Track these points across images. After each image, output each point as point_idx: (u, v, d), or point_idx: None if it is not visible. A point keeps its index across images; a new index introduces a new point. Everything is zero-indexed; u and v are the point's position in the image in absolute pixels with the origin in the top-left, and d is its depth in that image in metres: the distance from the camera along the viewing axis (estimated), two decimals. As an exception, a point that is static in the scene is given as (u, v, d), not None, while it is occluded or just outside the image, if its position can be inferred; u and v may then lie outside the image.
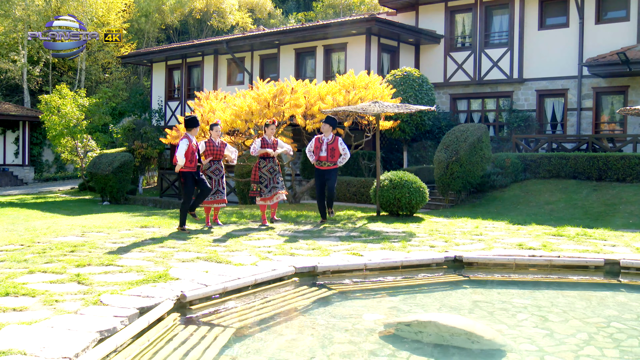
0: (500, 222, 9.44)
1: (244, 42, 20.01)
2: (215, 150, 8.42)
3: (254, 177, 8.87)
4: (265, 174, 8.81)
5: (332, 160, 8.92)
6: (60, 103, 21.80)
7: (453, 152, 12.81)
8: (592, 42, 16.07)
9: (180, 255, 6.18)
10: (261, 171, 8.82)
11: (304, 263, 5.81)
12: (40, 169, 29.03)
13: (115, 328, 3.65)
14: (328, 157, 8.89)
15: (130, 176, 19.03)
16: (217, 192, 8.41)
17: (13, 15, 28.62)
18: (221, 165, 8.57)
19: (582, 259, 6.25)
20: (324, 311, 4.70)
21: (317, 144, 8.99)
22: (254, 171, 8.90)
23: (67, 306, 4.09)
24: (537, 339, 4.05)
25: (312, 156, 9.03)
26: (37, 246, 6.64)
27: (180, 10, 34.60)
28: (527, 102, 17.32)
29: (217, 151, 8.45)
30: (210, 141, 8.43)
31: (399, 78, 15.78)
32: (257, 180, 8.83)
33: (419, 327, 3.98)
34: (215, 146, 8.44)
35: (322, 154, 8.91)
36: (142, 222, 9.18)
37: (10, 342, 3.32)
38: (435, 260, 6.26)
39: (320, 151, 8.92)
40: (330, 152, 8.88)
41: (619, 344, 3.98)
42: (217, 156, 8.47)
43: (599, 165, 13.30)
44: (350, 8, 35.70)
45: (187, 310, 4.45)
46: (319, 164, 9.00)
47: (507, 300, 5.15)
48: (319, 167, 9.01)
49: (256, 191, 8.81)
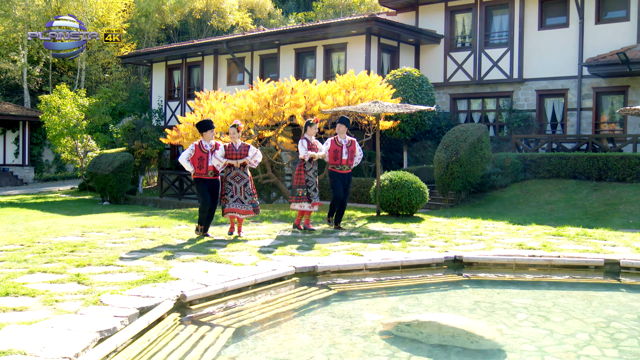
0: (500, 222, 9.43)
1: (244, 42, 19.98)
2: (235, 154, 7.46)
3: (299, 181, 8.18)
4: (312, 177, 8.25)
5: (350, 164, 8.53)
6: (60, 103, 21.76)
7: (453, 152, 12.79)
8: (592, 42, 16.05)
9: (180, 255, 6.16)
10: (307, 174, 8.22)
11: (304, 263, 5.80)
12: (40, 169, 28.98)
13: (115, 328, 3.65)
14: (348, 160, 8.45)
15: (130, 176, 18.95)
16: (237, 200, 7.53)
17: (13, 15, 28.59)
18: (244, 171, 7.57)
19: (582, 259, 6.24)
20: (324, 311, 4.70)
21: (336, 146, 8.39)
22: (299, 174, 8.22)
23: (67, 306, 4.08)
24: (537, 339, 4.04)
25: (308, 154, 8.19)
26: (37, 246, 6.62)
27: (180, 10, 34.57)
28: (527, 102, 17.31)
29: (237, 155, 7.47)
30: (230, 145, 7.53)
31: (399, 78, 15.76)
32: (302, 184, 8.16)
33: (419, 327, 3.97)
34: (235, 150, 7.48)
35: (344, 157, 8.39)
36: (142, 222, 9.14)
37: (10, 342, 3.31)
38: (435, 260, 6.24)
39: (341, 154, 8.40)
40: (350, 154, 8.46)
41: (619, 344, 3.97)
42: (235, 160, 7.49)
43: (599, 165, 13.28)
44: (350, 8, 35.68)
45: (187, 310, 4.44)
46: (340, 168, 8.44)
47: (507, 300, 5.14)
48: (340, 171, 8.44)
49: (303, 196, 8.11)
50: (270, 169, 13.44)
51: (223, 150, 7.42)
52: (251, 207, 7.58)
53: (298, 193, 8.18)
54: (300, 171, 8.25)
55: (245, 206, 7.55)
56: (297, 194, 8.18)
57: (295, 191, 8.22)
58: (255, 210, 7.66)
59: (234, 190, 7.54)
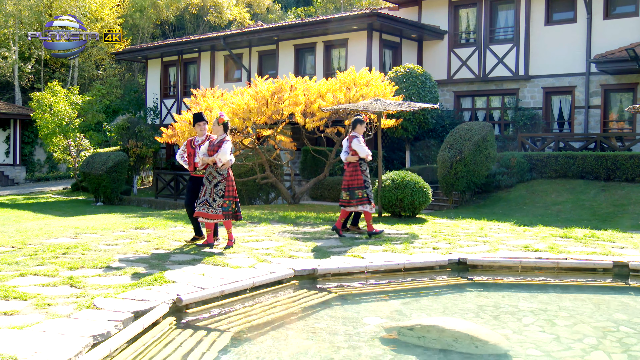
0: (505, 223, 9.32)
1: (241, 38, 19.69)
2: (210, 149, 6.67)
3: (357, 182, 7.74)
4: (368, 178, 7.87)
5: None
6: (53, 101, 21.48)
7: (457, 151, 12.63)
8: (600, 38, 15.76)
9: (176, 257, 6.07)
10: (364, 174, 7.84)
11: (304, 265, 5.74)
12: (32, 169, 28.60)
13: (109, 332, 3.62)
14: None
15: (124, 176, 18.73)
16: (204, 202, 6.62)
17: (4, 10, 28.11)
18: (217, 170, 6.66)
19: (590, 261, 6.17)
20: (324, 315, 4.66)
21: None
22: (356, 174, 7.76)
23: (59, 310, 4.04)
24: (544, 343, 3.99)
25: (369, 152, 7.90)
26: (28, 248, 6.54)
27: (176, 5, 34.09)
28: (534, 100, 17.00)
29: (211, 151, 6.65)
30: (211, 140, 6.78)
31: (401, 75, 15.54)
32: (362, 185, 7.74)
33: (422, 332, 3.96)
34: (213, 145, 6.69)
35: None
36: (137, 223, 9.04)
37: (0, 347, 3.27)
38: (439, 262, 6.19)
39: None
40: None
41: (628, 348, 3.88)
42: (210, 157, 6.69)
43: (607, 164, 13.10)
44: (351, 3, 35.38)
45: (184, 314, 4.41)
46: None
47: (512, 304, 5.11)
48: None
49: (364, 197, 7.70)
50: (269, 168, 13.10)
51: (207, 146, 6.69)
52: (220, 210, 6.54)
53: (358, 195, 7.74)
54: (357, 171, 7.81)
55: (214, 209, 6.54)
56: (357, 197, 7.75)
57: (355, 193, 7.75)
58: (227, 214, 6.56)
59: (204, 191, 6.65)
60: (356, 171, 7.80)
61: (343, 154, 8.04)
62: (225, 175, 6.62)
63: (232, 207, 6.65)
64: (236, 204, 6.71)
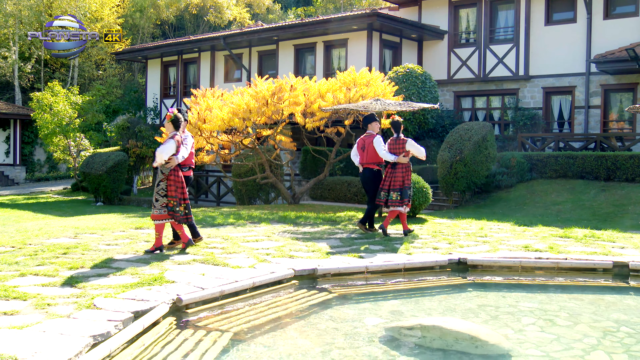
0: (505, 223, 9.32)
1: (241, 38, 19.67)
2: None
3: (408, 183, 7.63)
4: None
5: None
6: (53, 101, 21.43)
7: (457, 151, 12.60)
8: (601, 38, 15.74)
9: (176, 257, 6.07)
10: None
11: (304, 265, 5.73)
12: (32, 169, 28.58)
13: (109, 332, 3.62)
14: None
15: (124, 176, 18.69)
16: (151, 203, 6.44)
17: (4, 10, 28.08)
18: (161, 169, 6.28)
19: (590, 261, 6.17)
20: (324, 315, 4.66)
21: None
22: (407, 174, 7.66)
23: (59, 310, 4.03)
24: (544, 343, 3.99)
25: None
26: (28, 248, 6.53)
27: (176, 5, 34.08)
28: (534, 100, 16.98)
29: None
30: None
31: (401, 75, 15.51)
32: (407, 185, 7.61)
33: (422, 332, 3.96)
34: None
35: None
36: (137, 223, 9.02)
37: (0, 347, 3.27)
38: (439, 262, 6.19)
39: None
40: None
41: (629, 348, 3.88)
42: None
43: (607, 164, 13.07)
44: (351, 3, 35.36)
45: (184, 314, 4.41)
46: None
47: (512, 304, 5.10)
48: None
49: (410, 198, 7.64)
50: (269, 168, 13.09)
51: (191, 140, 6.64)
52: (165, 210, 6.23)
53: (409, 195, 7.70)
54: (408, 171, 7.71)
55: (157, 210, 6.25)
56: (409, 196, 7.70)
57: (407, 193, 7.67)
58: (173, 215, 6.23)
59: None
60: (408, 171, 7.71)
61: (354, 155, 8.08)
62: (167, 174, 6.25)
63: (180, 209, 6.27)
64: (186, 206, 6.32)
